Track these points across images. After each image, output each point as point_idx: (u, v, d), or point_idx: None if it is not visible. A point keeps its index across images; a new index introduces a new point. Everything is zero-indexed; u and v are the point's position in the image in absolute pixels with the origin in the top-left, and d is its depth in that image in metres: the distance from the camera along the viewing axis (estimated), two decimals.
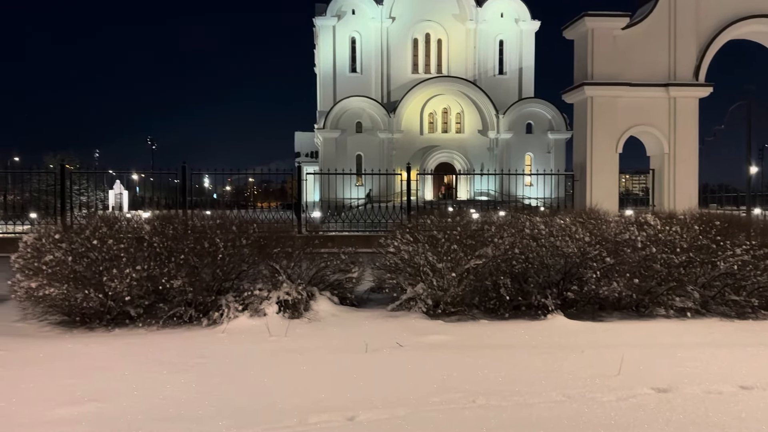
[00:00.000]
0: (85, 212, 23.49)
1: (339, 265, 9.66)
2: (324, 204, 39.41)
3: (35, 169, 25.01)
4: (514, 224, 9.49)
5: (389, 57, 58.63)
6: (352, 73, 58.59)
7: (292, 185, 26.89)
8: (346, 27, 58.30)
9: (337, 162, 52.13)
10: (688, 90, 18.81)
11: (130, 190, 38.88)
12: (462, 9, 58.71)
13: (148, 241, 8.57)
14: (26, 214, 20.81)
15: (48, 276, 7.85)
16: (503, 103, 56.40)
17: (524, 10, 59.31)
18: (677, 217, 9.99)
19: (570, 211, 11.70)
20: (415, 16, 58.44)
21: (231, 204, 33.58)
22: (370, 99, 55.75)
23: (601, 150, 18.65)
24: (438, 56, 59.48)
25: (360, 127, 55.47)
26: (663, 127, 18.95)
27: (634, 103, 18.75)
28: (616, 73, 18.59)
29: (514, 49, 59.49)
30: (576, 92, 19.11)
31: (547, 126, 56.36)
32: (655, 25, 18.85)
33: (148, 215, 11.11)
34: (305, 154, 68.00)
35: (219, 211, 11.90)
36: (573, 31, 19.26)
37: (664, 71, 18.86)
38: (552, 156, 55.36)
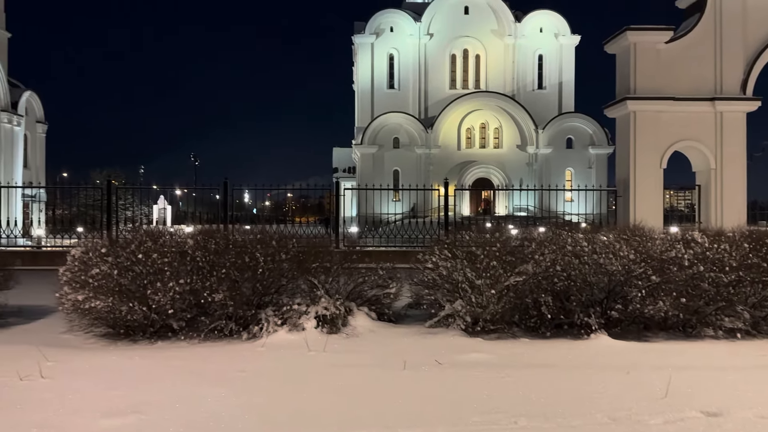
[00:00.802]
0: (130, 227, 24.13)
1: (377, 280, 9.65)
2: (361, 219, 39.56)
3: (83, 184, 25.81)
4: (555, 241, 9.32)
5: (427, 73, 58.81)
6: (390, 90, 58.96)
7: (330, 200, 27.08)
8: (384, 44, 58.79)
9: (375, 177, 52.26)
10: (735, 104, 18.31)
11: (173, 205, 39.78)
12: (500, 24, 58.59)
13: (191, 256, 8.71)
14: (74, 228, 21.46)
15: (94, 289, 8.04)
16: (542, 117, 55.85)
17: (564, 24, 58.85)
18: (725, 234, 9.67)
19: (613, 228, 11.46)
20: (453, 32, 58.57)
21: (270, 219, 34.01)
22: (407, 114, 55.93)
23: (644, 165, 18.25)
24: (476, 71, 59.40)
25: (397, 142, 55.65)
26: (709, 142, 18.46)
27: (679, 117, 18.34)
28: (659, 87, 18.23)
29: (554, 64, 58.98)
30: (618, 107, 18.80)
31: (588, 141, 55.52)
32: (701, 38, 18.45)
33: (191, 230, 11.32)
34: (343, 170, 68.48)
35: (259, 226, 12.04)
36: (615, 46, 18.99)
37: (710, 85, 18.41)
38: (593, 171, 54.42)
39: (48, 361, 6.86)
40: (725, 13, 18.39)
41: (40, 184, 30.28)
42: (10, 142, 28.40)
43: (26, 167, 31.68)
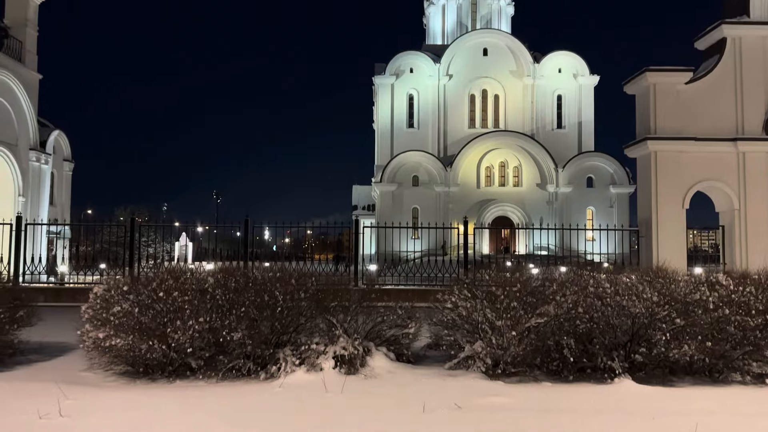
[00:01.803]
0: (152, 263, 24.35)
1: (395, 320, 9.57)
2: (380, 256, 39.47)
3: (107, 221, 26.25)
4: (576, 282, 9.21)
5: (446, 112, 59.42)
6: (410, 129, 59.58)
7: (349, 238, 27.16)
8: (404, 84, 59.68)
9: (394, 215, 52.46)
10: (758, 144, 18.17)
11: (194, 241, 40.16)
12: (519, 65, 59.25)
13: (211, 294, 8.76)
14: (97, 265, 21.73)
15: (115, 327, 8.10)
16: (562, 156, 55.86)
17: (583, 65, 59.32)
18: (751, 276, 9.48)
19: (636, 269, 11.31)
20: (472, 73, 59.32)
21: (289, 256, 34.14)
22: (426, 153, 56.33)
23: (666, 205, 18.08)
24: (495, 111, 59.87)
25: (416, 180, 55.91)
26: (732, 183, 18.27)
27: (701, 157, 18.22)
28: (680, 127, 18.18)
29: (573, 104, 59.28)
30: (639, 147, 18.75)
31: (609, 180, 55.26)
32: (721, 79, 18.46)
33: (212, 267, 11.39)
34: (362, 207, 68.81)
35: (279, 263, 12.07)
36: (634, 86, 19.05)
37: (732, 125, 18.32)
38: (614, 210, 54.00)
39: (67, 399, 6.88)
40: (745, 54, 18.41)
41: (65, 221, 30.85)
42: (37, 180, 29.09)
43: (52, 204, 32.34)
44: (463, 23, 64.89)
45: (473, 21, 64.94)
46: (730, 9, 19.14)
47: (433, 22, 67.57)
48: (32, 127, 28.64)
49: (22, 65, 27.91)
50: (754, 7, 18.47)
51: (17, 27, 28.00)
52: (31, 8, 28.75)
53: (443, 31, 66.20)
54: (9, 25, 27.79)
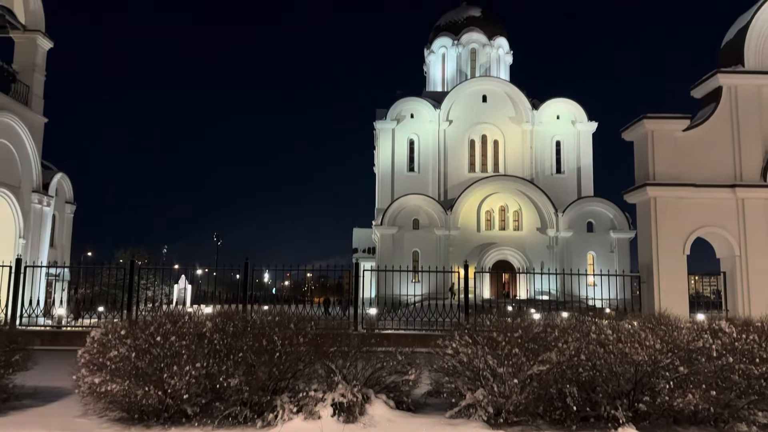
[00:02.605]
0: (150, 306, 24.20)
1: (395, 366, 9.45)
2: (380, 300, 39.18)
3: (107, 263, 26.19)
4: (578, 328, 9.14)
5: (446, 157, 59.98)
6: (410, 172, 60.04)
7: (350, 281, 27.01)
8: (404, 129, 60.45)
9: (394, 258, 52.36)
10: (756, 191, 18.28)
11: (193, 284, 39.97)
12: (518, 112, 60.14)
13: (209, 338, 8.68)
14: (95, 308, 21.59)
15: (111, 372, 8.00)
16: (562, 201, 56.09)
17: (580, 111, 60.18)
18: (754, 324, 9.41)
19: (638, 315, 11.23)
20: (472, 118, 60.16)
21: (289, 299, 33.95)
22: (427, 197, 56.59)
23: (667, 251, 18.07)
24: (494, 156, 60.44)
25: (417, 224, 56.00)
26: (732, 229, 18.30)
27: (700, 203, 18.31)
28: (678, 173, 18.33)
29: (572, 149, 59.92)
30: (638, 192, 18.86)
31: (609, 225, 55.34)
32: (718, 126, 18.71)
33: (210, 310, 11.31)
34: (362, 250, 68.74)
35: (278, 306, 12.01)
36: (632, 133, 19.29)
37: (730, 172, 18.48)
38: (615, 255, 53.89)
39: None
40: (741, 103, 18.71)
41: (64, 263, 30.78)
42: (39, 222, 29.16)
43: (52, 246, 32.33)
44: (462, 71, 66.13)
45: (472, 69, 66.19)
46: (725, 58, 19.55)
47: (434, 70, 68.87)
48: (36, 169, 28.88)
49: (29, 109, 28.33)
50: (748, 56, 18.86)
51: (25, 71, 28.54)
52: (40, 54, 29.36)
53: (443, 78, 67.41)
54: (17, 69, 28.32)
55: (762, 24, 18.90)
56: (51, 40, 29.88)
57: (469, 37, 66.39)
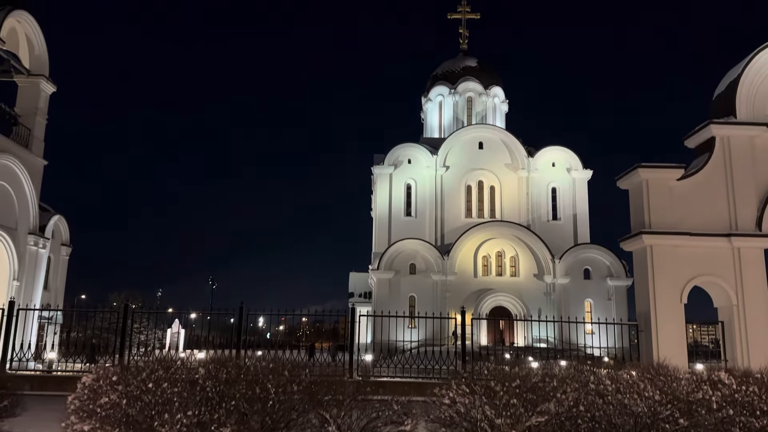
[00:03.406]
0: (143, 351, 23.83)
1: (391, 416, 9.27)
2: (376, 346, 38.67)
3: (100, 306, 25.93)
4: (577, 378, 9.03)
5: (443, 202, 60.33)
6: (407, 217, 60.27)
7: (345, 326, 26.76)
8: (402, 175, 60.98)
9: (390, 303, 51.98)
10: (752, 240, 18.35)
11: (187, 328, 39.51)
12: (514, 159, 60.83)
13: (201, 385, 8.54)
14: (87, 352, 21.28)
15: (101, 419, 7.83)
16: (558, 247, 56.16)
17: (575, 159, 60.90)
18: (753, 375, 9.32)
19: (636, 365, 11.11)
20: (469, 164, 60.80)
21: (283, 344, 33.53)
22: (423, 241, 56.61)
23: (664, 300, 18.01)
24: (491, 201, 60.80)
25: (414, 268, 55.87)
26: (728, 278, 18.29)
27: (696, 252, 18.34)
28: (674, 222, 18.42)
29: (568, 196, 60.36)
30: (634, 240, 18.91)
31: (606, 272, 55.26)
32: (712, 177, 18.91)
33: (203, 355, 11.17)
34: (359, 294, 68.33)
35: (272, 352, 11.84)
36: (627, 182, 19.48)
37: (725, 221, 18.59)
38: (613, 303, 53.66)
39: None
40: (734, 153, 18.97)
41: (58, 306, 30.51)
42: (34, 264, 29.02)
43: (46, 289, 32.08)
44: (459, 118, 67.15)
45: (469, 117, 67.23)
46: (717, 109, 19.92)
47: (431, 117, 69.93)
48: (33, 211, 28.92)
49: (29, 152, 28.56)
50: (740, 108, 19.22)
51: (27, 115, 28.89)
52: (42, 98, 29.78)
53: (440, 125, 68.39)
54: (19, 113, 28.67)
55: (752, 77, 19.33)
56: (54, 85, 30.35)
57: (466, 86, 67.67)
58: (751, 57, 19.39)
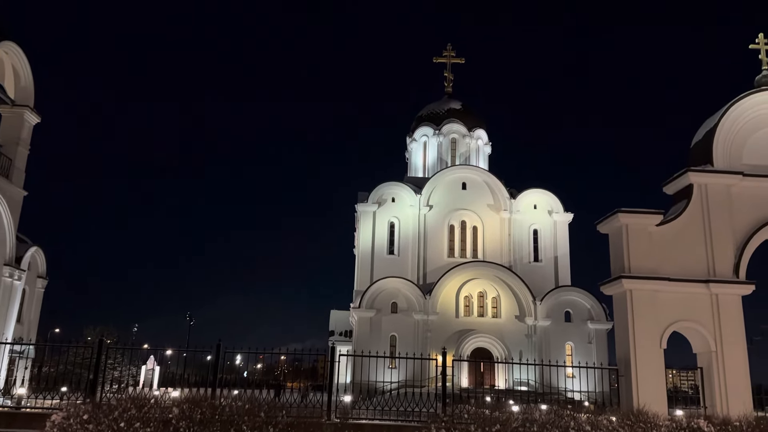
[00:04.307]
0: (116, 387, 23.19)
1: None
2: (356, 386, 38.03)
3: (74, 341, 25.25)
4: (557, 423, 8.98)
5: (426, 241, 60.43)
6: (390, 255, 60.17)
7: (324, 365, 26.35)
8: (385, 213, 61.14)
9: (371, 342, 51.44)
10: (729, 287, 18.54)
11: (163, 365, 38.63)
12: (496, 200, 61.39)
13: (174, 426, 8.34)
14: (58, 388, 20.67)
15: None
16: (540, 289, 56.29)
17: (557, 202, 61.61)
18: (732, 423, 9.33)
19: (617, 410, 11.06)
20: (452, 204, 61.20)
21: (260, 383, 32.86)
22: (406, 280, 56.43)
23: (644, 345, 18.03)
24: (473, 241, 61.03)
25: (395, 307, 55.54)
26: (707, 324, 18.41)
27: (675, 297, 18.48)
28: (653, 267, 18.58)
29: (549, 238, 60.83)
30: (614, 285, 19.02)
31: (587, 315, 55.35)
32: (690, 223, 19.19)
33: (178, 394, 10.93)
34: (339, 333, 67.59)
35: (248, 391, 11.63)
36: (607, 226, 19.69)
37: (703, 267, 18.80)
38: (593, 347, 53.64)
39: None
40: (711, 200, 19.31)
41: (30, 339, 29.74)
42: (8, 296, 28.37)
43: (19, 322, 31.30)
44: (443, 159, 67.86)
45: (453, 157, 67.98)
46: (695, 157, 20.36)
47: (415, 157, 70.58)
48: (10, 242, 28.40)
49: (9, 182, 28.21)
50: (717, 157, 19.66)
51: (9, 145, 28.64)
52: (26, 128, 29.58)
53: (424, 165, 69.02)
54: (1, 142, 28.43)
55: (729, 126, 19.84)
56: (38, 116, 30.22)
57: (450, 127, 68.61)
58: (728, 107, 19.94)
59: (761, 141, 20.01)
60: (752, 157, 19.83)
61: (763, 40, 20.97)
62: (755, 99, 20.01)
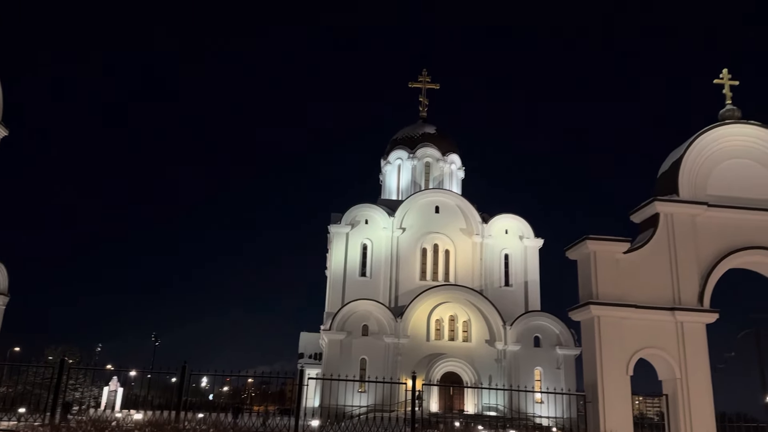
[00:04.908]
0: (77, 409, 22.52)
1: None
2: (324, 410, 37.55)
3: (34, 361, 24.56)
4: None
5: (398, 263, 60.45)
6: (362, 277, 60.01)
7: (293, 389, 26.00)
8: (358, 234, 61.10)
9: (341, 365, 51.03)
10: (694, 315, 18.89)
11: (126, 386, 37.70)
12: (469, 224, 61.86)
13: None
14: (15, 409, 20.02)
15: None
16: (510, 314, 56.60)
17: (528, 228, 62.33)
18: None
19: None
20: (425, 227, 61.47)
21: (226, 406, 32.25)
22: (377, 302, 56.26)
23: (611, 371, 18.21)
24: (445, 265, 61.24)
25: (366, 330, 55.25)
26: (672, 351, 18.69)
27: (642, 324, 18.74)
28: (621, 294, 18.85)
29: (519, 263, 61.37)
30: (582, 311, 19.24)
31: (556, 341, 55.76)
32: (656, 251, 19.57)
33: (140, 417, 10.69)
34: (309, 356, 66.92)
35: (214, 414, 11.44)
36: (576, 252, 19.96)
37: (669, 295, 19.13)
38: (562, 372, 53.95)
39: None
40: (677, 230, 19.74)
41: None
42: None
43: None
44: (416, 182, 68.32)
45: (426, 181, 68.50)
46: (661, 187, 20.84)
47: (389, 180, 70.93)
48: None
49: None
50: (682, 187, 20.16)
51: None
52: None
53: (398, 188, 69.38)
54: None
55: (694, 158, 20.40)
56: (6, 128, 29.61)
57: (424, 151, 69.24)
58: (693, 139, 20.51)
59: (725, 173, 20.60)
60: (716, 188, 20.38)
61: (727, 76, 21.70)
62: (719, 132, 20.64)
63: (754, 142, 20.68)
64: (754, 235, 19.78)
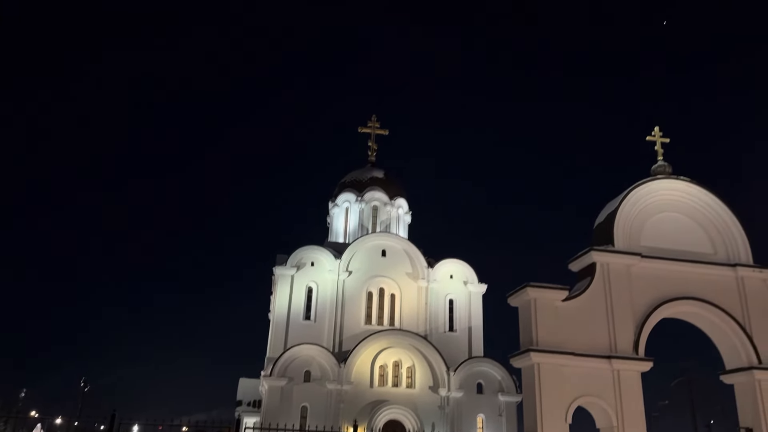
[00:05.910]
0: None
1: None
2: None
3: None
4: None
5: (344, 307, 59.78)
6: (306, 321, 58.95)
7: None
8: (304, 277, 60.31)
9: (281, 413, 49.52)
10: (629, 363, 19.37)
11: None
12: (415, 268, 62.06)
13: None
14: None
15: None
16: (454, 359, 56.49)
17: (472, 273, 62.97)
18: None
19: None
20: (371, 271, 61.27)
21: None
22: (321, 347, 55.22)
23: (550, 419, 18.36)
24: (391, 309, 60.95)
25: (309, 376, 53.98)
26: (609, 399, 19.02)
27: (580, 372, 19.06)
28: (560, 341, 19.19)
29: (464, 308, 61.71)
30: (523, 357, 19.44)
31: (498, 387, 55.82)
32: (593, 300, 20.11)
33: None
34: (247, 403, 64.69)
35: None
36: (517, 299, 20.29)
37: (605, 343, 19.59)
38: (504, 420, 53.85)
39: None
40: (613, 279, 20.40)
41: None
42: None
43: None
44: (364, 225, 68.39)
45: (374, 225, 68.66)
46: (598, 237, 21.56)
47: (337, 222, 70.78)
48: None
49: None
50: (618, 238, 20.92)
51: None
52: None
53: (345, 230, 69.23)
54: None
55: (628, 210, 21.26)
56: None
57: (372, 195, 69.62)
58: (627, 193, 21.42)
59: (657, 225, 21.53)
60: (649, 239, 21.23)
61: (659, 133, 22.91)
62: (651, 186, 21.65)
63: (681, 196, 21.79)
64: (685, 286, 20.62)
